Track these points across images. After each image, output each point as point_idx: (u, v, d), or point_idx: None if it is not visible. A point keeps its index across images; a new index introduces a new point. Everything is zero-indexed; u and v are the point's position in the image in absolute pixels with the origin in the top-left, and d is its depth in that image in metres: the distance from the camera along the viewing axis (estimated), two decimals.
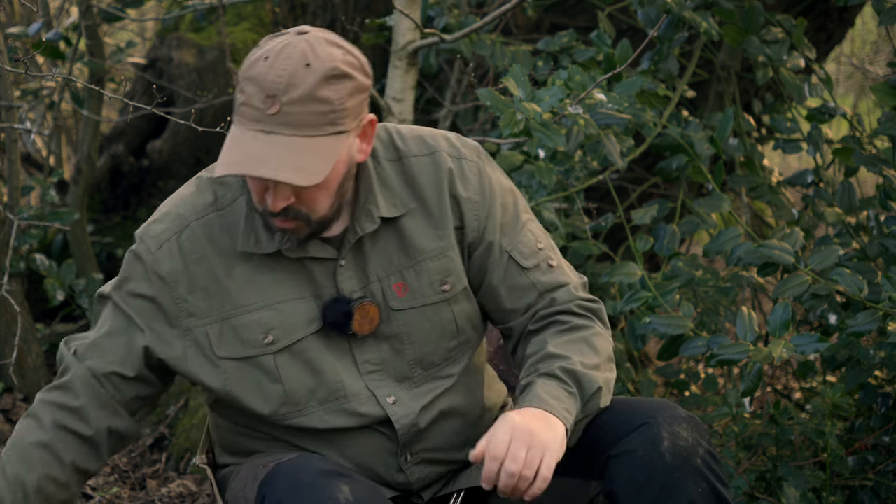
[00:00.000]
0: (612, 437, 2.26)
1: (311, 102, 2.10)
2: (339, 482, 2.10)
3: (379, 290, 2.29)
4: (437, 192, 2.31)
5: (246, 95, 2.12)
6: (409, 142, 2.33)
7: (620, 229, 3.92)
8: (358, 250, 2.28)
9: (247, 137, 2.11)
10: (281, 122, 2.10)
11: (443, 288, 2.32)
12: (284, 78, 2.09)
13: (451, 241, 2.32)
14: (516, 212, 2.38)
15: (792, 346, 2.96)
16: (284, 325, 2.25)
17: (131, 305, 2.28)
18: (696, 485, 2.20)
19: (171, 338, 2.27)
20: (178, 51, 4.99)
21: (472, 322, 2.38)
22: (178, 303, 2.25)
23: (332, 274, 2.27)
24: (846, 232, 3.50)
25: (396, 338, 2.31)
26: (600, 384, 2.27)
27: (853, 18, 4.30)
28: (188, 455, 3.87)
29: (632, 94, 3.28)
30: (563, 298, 2.37)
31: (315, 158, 2.11)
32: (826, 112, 3.68)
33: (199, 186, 2.31)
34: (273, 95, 2.09)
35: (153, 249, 2.26)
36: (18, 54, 3.90)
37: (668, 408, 2.26)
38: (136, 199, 5.10)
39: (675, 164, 3.46)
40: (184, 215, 2.27)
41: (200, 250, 2.25)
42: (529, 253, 2.36)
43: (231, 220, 2.26)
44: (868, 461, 3.30)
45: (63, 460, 2.27)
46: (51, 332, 4.53)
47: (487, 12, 3.98)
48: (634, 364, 4.15)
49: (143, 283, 2.27)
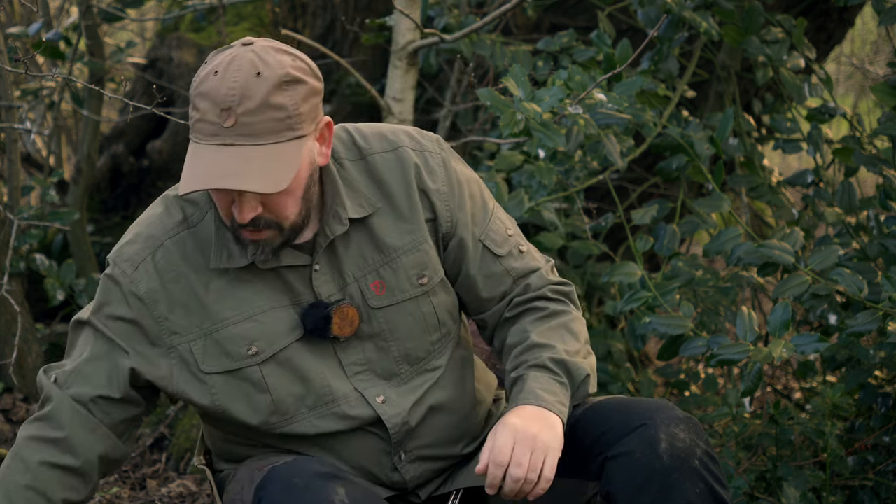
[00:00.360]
0: (609, 438, 2.25)
1: (267, 110, 2.10)
2: (334, 484, 2.10)
3: (357, 290, 2.29)
4: (405, 188, 2.31)
5: (200, 112, 2.12)
6: (370, 140, 2.34)
7: (620, 229, 3.92)
8: (331, 253, 2.28)
9: (206, 152, 2.11)
10: (238, 134, 2.09)
11: (420, 281, 2.33)
12: (237, 90, 2.09)
13: (424, 234, 2.32)
14: (483, 200, 2.39)
15: (792, 346, 2.96)
16: (266, 335, 2.25)
17: (112, 329, 2.26)
18: (694, 486, 2.20)
19: (156, 357, 2.26)
20: (178, 51, 4.99)
21: (452, 314, 2.39)
22: (160, 322, 2.24)
23: (307, 280, 2.27)
24: (846, 232, 3.50)
25: (380, 336, 2.31)
26: (588, 371, 2.32)
27: (853, 18, 4.30)
28: (188, 455, 3.87)
29: (632, 94, 3.28)
30: (536, 284, 2.39)
31: (277, 165, 2.11)
32: (826, 112, 3.68)
33: (167, 205, 2.30)
34: (228, 108, 2.09)
35: (129, 272, 2.25)
36: (18, 54, 3.90)
37: (665, 409, 2.26)
38: (136, 199, 5.10)
39: (675, 164, 3.46)
40: (155, 235, 2.26)
41: (176, 268, 2.24)
42: (501, 240, 2.38)
43: (202, 237, 2.26)
44: (868, 461, 3.30)
45: (52, 499, 2.24)
46: (51, 332, 4.53)
47: (487, 12, 3.98)
48: (634, 364, 4.16)
49: (122, 306, 2.25)
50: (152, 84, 4.81)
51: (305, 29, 5.12)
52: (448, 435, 2.37)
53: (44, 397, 2.28)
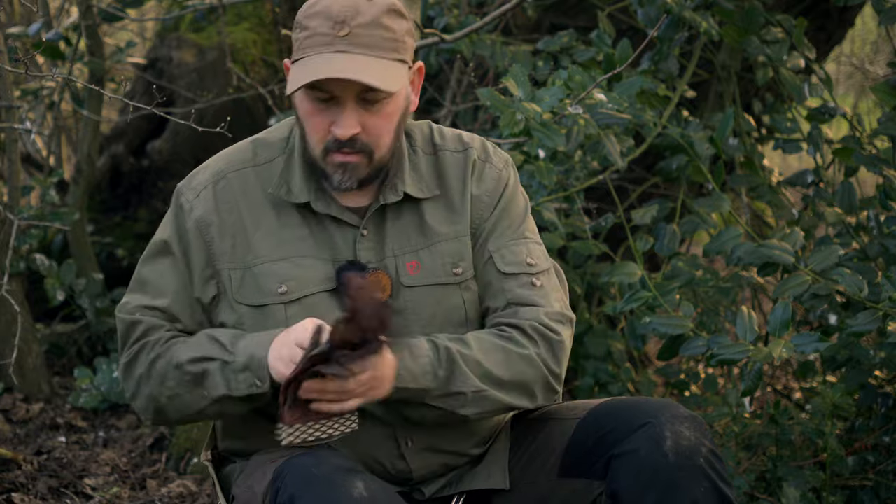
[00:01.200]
0: (614, 437, 2.26)
1: (378, 27, 2.20)
2: (353, 478, 2.10)
3: (393, 265, 2.34)
4: (461, 184, 2.39)
5: (310, 30, 2.21)
6: (447, 139, 2.42)
7: (620, 229, 3.92)
8: (379, 224, 2.34)
9: (319, 58, 2.19)
10: (352, 43, 2.19)
11: (454, 271, 2.36)
12: (350, 7, 2.20)
13: (467, 230, 2.38)
14: (521, 226, 2.41)
15: (792, 346, 2.96)
16: (299, 278, 2.30)
17: (177, 248, 2.35)
18: (699, 484, 2.20)
19: (206, 279, 2.34)
20: (178, 51, 4.99)
21: (479, 316, 2.40)
22: (210, 245, 2.33)
23: (352, 242, 2.33)
24: (846, 232, 3.50)
25: (402, 314, 2.33)
26: (468, 391, 2.26)
27: (853, 18, 4.30)
28: (188, 455, 3.87)
29: (632, 94, 3.28)
30: (524, 315, 2.35)
31: (388, 73, 2.21)
32: (826, 112, 3.68)
33: (242, 145, 2.40)
34: (342, 21, 2.19)
35: (191, 199, 2.35)
36: (18, 54, 3.89)
37: (670, 407, 2.26)
38: (136, 199, 5.10)
39: (675, 164, 3.46)
40: (222, 169, 2.36)
41: (232, 200, 2.33)
42: (513, 261, 2.38)
43: (265, 176, 2.34)
44: (868, 461, 3.30)
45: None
46: (51, 332, 4.54)
47: (487, 12, 3.98)
48: (634, 364, 4.16)
49: (182, 230, 2.35)
50: (152, 84, 4.81)
51: None
52: (457, 429, 2.37)
53: (143, 330, 2.34)
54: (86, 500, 3.61)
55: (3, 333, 4.06)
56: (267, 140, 2.39)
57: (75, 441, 4.03)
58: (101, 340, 4.58)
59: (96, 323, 4.51)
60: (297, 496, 2.09)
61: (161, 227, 2.40)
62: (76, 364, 4.53)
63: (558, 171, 3.36)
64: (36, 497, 3.55)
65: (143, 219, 5.06)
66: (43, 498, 3.57)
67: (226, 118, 3.07)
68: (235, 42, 4.99)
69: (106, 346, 4.56)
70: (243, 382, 2.23)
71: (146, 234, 5.02)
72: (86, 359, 4.57)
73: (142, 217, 5.06)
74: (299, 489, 2.10)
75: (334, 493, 2.07)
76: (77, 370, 4.31)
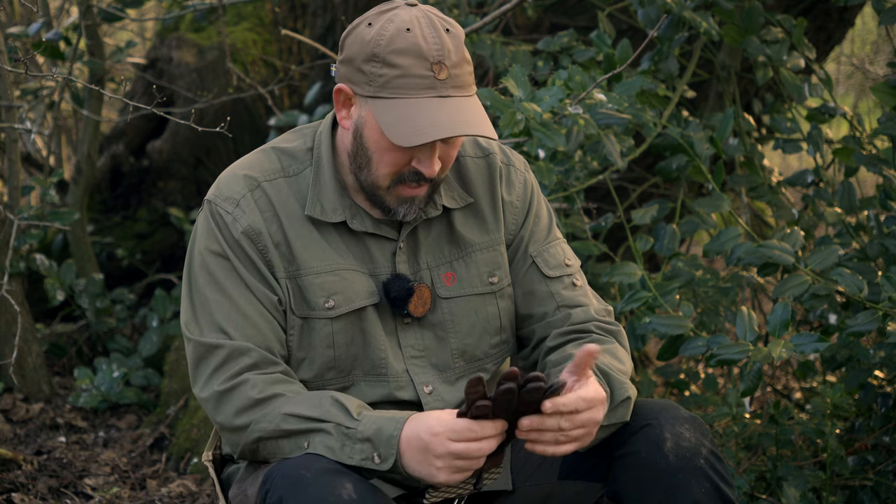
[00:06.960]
0: (615, 438, 2.26)
1: (465, 63, 2.22)
2: (341, 480, 2.10)
3: (428, 277, 2.35)
4: (489, 192, 2.39)
5: (401, 69, 2.18)
6: (465, 144, 2.42)
7: (620, 229, 3.92)
8: (413, 237, 2.35)
9: (427, 105, 2.18)
10: (452, 86, 2.19)
11: (491, 280, 2.38)
12: (439, 44, 2.19)
13: (501, 238, 2.39)
14: (550, 227, 2.44)
15: (792, 346, 2.96)
16: (346, 291, 2.30)
17: (234, 259, 2.28)
18: (700, 485, 2.20)
19: (273, 286, 2.30)
20: (178, 51, 4.99)
21: (513, 324, 2.42)
22: (264, 253, 2.28)
23: (390, 255, 2.33)
24: (846, 232, 3.50)
25: (440, 326, 2.35)
26: (629, 394, 2.27)
27: (853, 18, 4.29)
28: (188, 455, 3.87)
29: (632, 94, 3.28)
30: (579, 317, 2.38)
31: (482, 113, 2.22)
32: (826, 112, 3.68)
33: (266, 153, 2.35)
34: (439, 62, 2.18)
35: (230, 209, 2.28)
36: (18, 54, 3.90)
37: (670, 408, 2.26)
38: (136, 199, 5.10)
39: (675, 164, 3.46)
40: (254, 176, 2.31)
41: (271, 210, 2.30)
42: (555, 264, 2.41)
43: (297, 189, 2.31)
44: (868, 461, 3.30)
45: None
46: (51, 332, 4.53)
47: (487, 12, 3.98)
48: (634, 364, 4.15)
49: (231, 241, 2.27)
50: (152, 84, 4.81)
51: (305, 29, 5.12)
52: None
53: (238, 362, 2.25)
54: (86, 500, 3.61)
55: (3, 333, 4.06)
56: (289, 150, 2.34)
57: (75, 441, 4.03)
58: (101, 340, 4.57)
59: (96, 323, 4.51)
60: (285, 498, 2.09)
61: (199, 241, 2.29)
62: (76, 364, 4.53)
63: (558, 171, 3.36)
64: (36, 497, 3.55)
65: (143, 219, 5.06)
66: (43, 498, 3.57)
67: (225, 118, 3.08)
68: (235, 42, 4.99)
69: (106, 346, 4.56)
70: (358, 453, 2.14)
71: (146, 234, 5.02)
72: (86, 359, 4.57)
73: (142, 217, 5.06)
74: (288, 491, 2.10)
75: (322, 495, 2.07)
76: (77, 370, 4.31)
